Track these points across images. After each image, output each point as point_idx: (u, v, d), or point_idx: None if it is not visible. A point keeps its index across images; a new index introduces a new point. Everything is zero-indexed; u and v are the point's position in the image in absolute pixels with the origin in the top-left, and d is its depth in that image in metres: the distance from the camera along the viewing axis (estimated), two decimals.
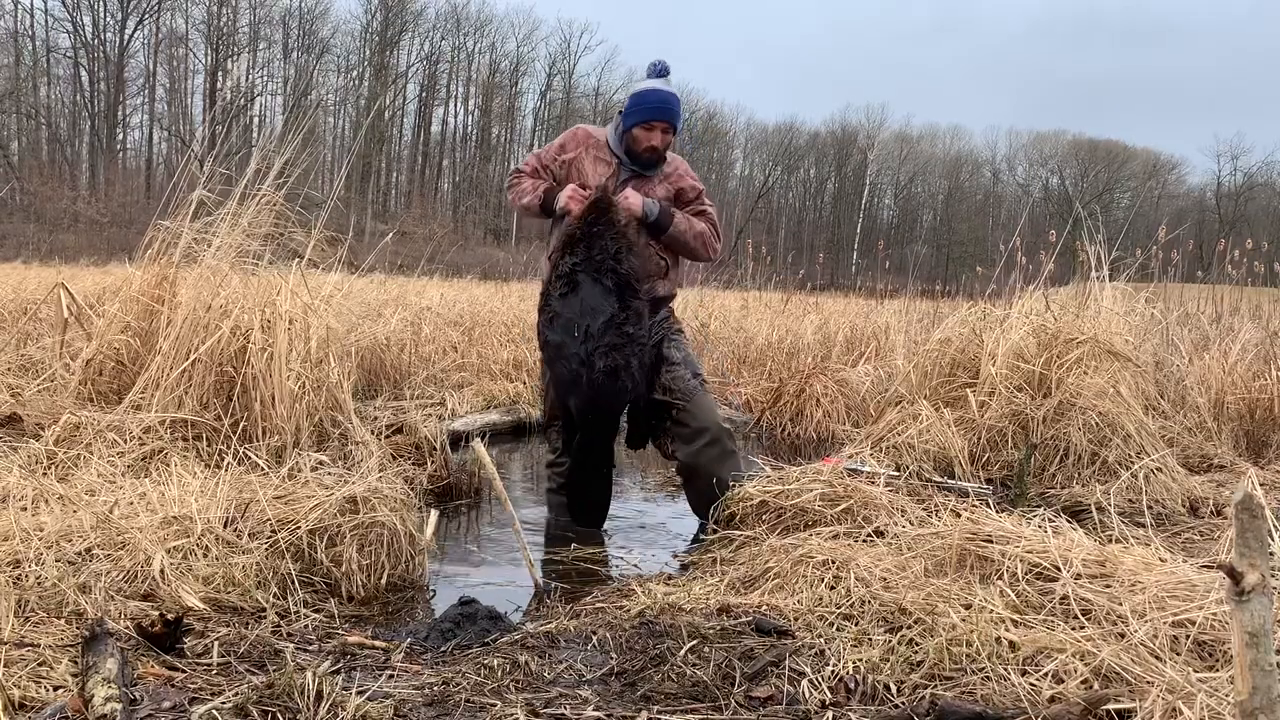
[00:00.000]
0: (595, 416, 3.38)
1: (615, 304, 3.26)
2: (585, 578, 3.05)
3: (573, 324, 3.27)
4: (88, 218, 38.14)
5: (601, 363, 3.22)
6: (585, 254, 3.29)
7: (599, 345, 3.23)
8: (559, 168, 3.73)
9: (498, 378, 6.58)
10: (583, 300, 3.26)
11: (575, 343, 3.26)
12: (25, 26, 45.22)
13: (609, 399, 3.32)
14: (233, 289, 3.58)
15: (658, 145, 3.64)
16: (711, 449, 3.50)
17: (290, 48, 50.63)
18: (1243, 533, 1.26)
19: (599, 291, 3.26)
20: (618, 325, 3.25)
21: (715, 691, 1.87)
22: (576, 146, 3.72)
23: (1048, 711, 1.76)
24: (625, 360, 3.26)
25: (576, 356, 3.25)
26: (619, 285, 3.28)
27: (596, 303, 3.25)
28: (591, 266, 3.28)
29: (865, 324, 8.48)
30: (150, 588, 2.25)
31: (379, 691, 1.82)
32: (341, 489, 2.80)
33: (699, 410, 3.53)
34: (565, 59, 56.99)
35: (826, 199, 62.40)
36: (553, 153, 3.76)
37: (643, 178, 3.68)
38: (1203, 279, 9.29)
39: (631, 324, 3.28)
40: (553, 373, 3.51)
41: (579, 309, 3.26)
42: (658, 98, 3.61)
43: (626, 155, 3.66)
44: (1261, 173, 55.93)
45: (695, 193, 3.77)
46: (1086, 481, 4.01)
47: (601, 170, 3.66)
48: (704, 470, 3.49)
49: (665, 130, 3.64)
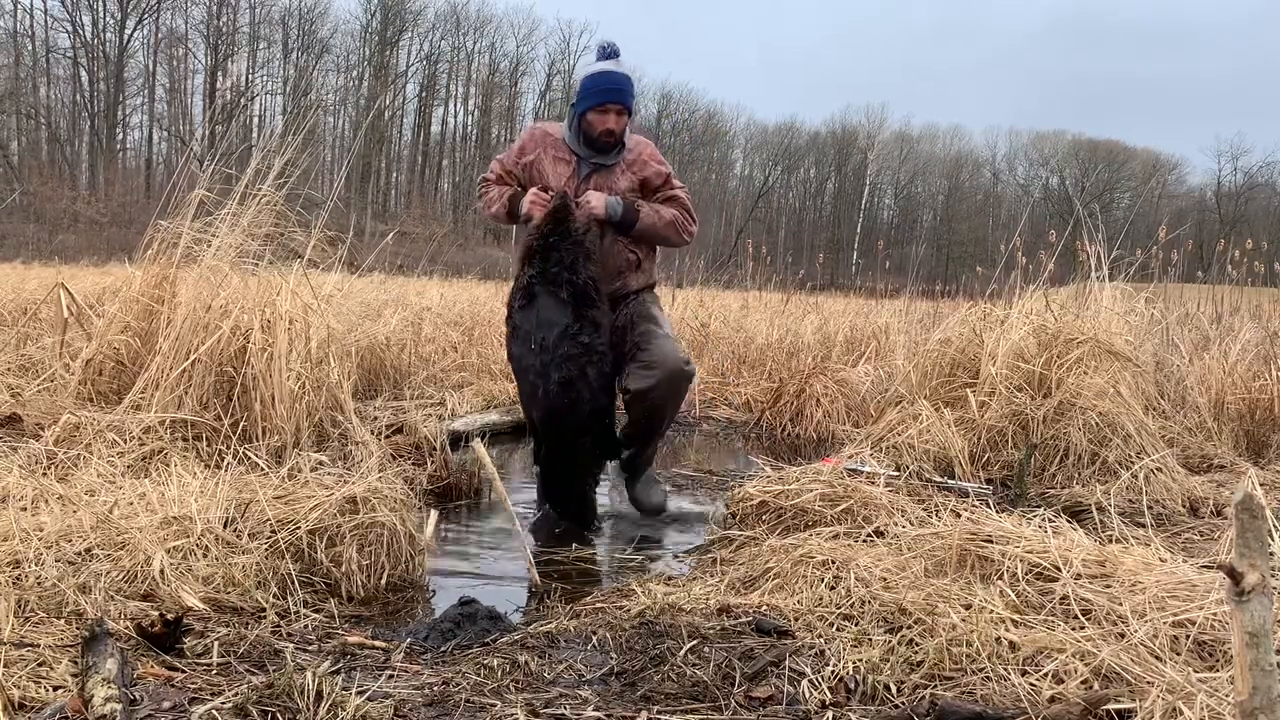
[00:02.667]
0: (554, 428, 3.37)
1: (569, 315, 3.26)
2: (585, 578, 3.04)
3: (530, 336, 3.29)
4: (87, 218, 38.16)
5: (556, 374, 3.23)
6: (541, 266, 3.31)
7: (554, 357, 3.23)
8: (521, 171, 3.70)
9: (498, 378, 6.57)
10: (539, 312, 3.28)
11: (532, 355, 3.28)
12: (25, 26, 45.30)
13: (565, 410, 3.29)
14: (233, 289, 3.58)
15: (613, 128, 3.57)
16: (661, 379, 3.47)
17: (290, 48, 50.67)
18: (1243, 533, 1.26)
19: (554, 303, 3.27)
20: (572, 336, 3.25)
21: (715, 691, 1.87)
22: (535, 147, 3.68)
23: (1048, 711, 1.76)
24: (580, 370, 3.26)
25: (534, 368, 3.28)
26: (574, 295, 3.29)
27: (552, 315, 3.26)
28: (547, 279, 3.29)
29: (865, 324, 8.47)
30: (150, 588, 2.24)
31: (379, 691, 1.82)
32: (341, 489, 2.80)
33: (657, 347, 3.52)
34: (565, 59, 57.01)
35: (826, 199, 62.43)
36: (514, 157, 3.74)
37: (604, 170, 3.63)
38: (1203, 279, 9.29)
39: (587, 333, 3.28)
40: (517, 386, 3.53)
41: (535, 321, 3.29)
42: (607, 80, 3.56)
43: (585, 144, 3.61)
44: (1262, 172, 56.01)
45: (661, 178, 3.70)
46: (1086, 481, 4.01)
47: (561, 170, 3.63)
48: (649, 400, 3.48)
49: (620, 113, 3.57)
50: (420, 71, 54.48)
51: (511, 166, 3.73)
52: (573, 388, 3.25)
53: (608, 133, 3.57)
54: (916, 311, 8.66)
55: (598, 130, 3.57)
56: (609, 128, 3.56)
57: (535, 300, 3.30)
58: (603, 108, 3.55)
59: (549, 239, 3.33)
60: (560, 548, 3.39)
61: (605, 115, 3.56)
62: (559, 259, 3.31)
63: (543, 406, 3.30)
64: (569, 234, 3.35)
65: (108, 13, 46.42)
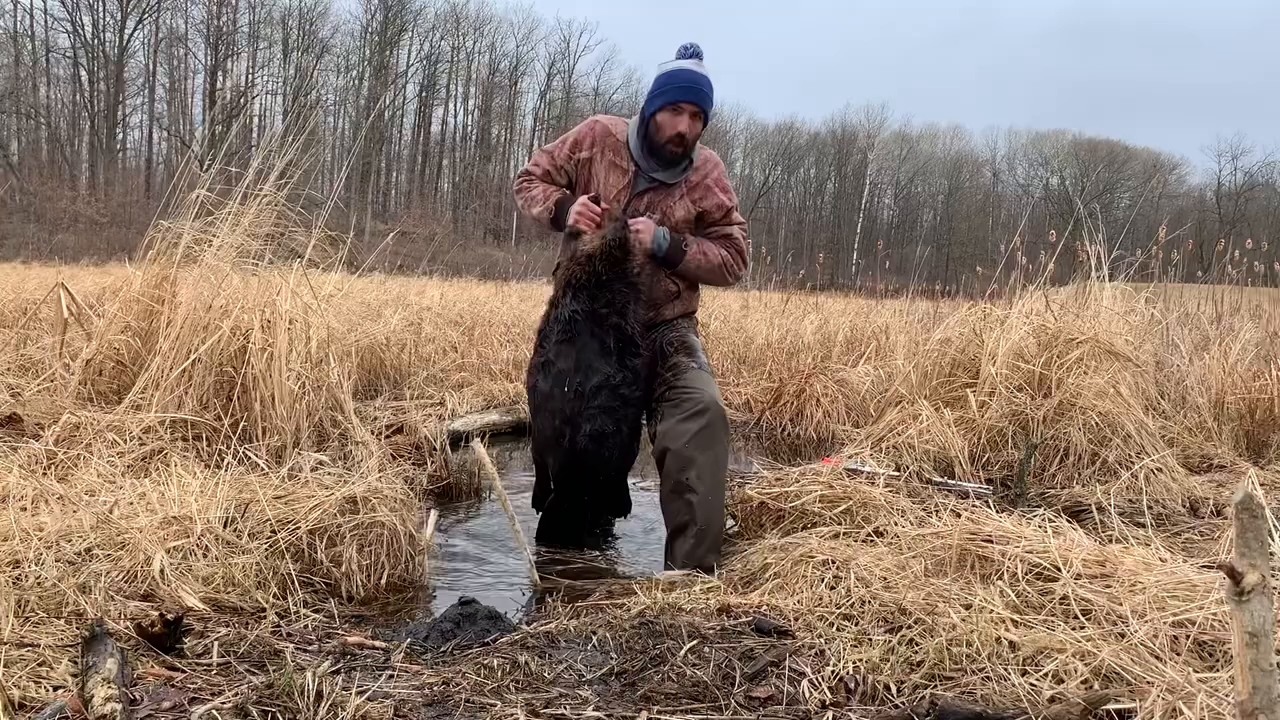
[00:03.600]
0: (573, 481, 3.10)
1: (614, 364, 2.97)
2: (585, 578, 3.04)
3: (565, 377, 2.97)
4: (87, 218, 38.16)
5: (589, 425, 2.94)
6: (589, 304, 2.99)
7: (588, 406, 2.94)
8: (573, 167, 3.31)
9: (498, 378, 6.58)
10: (579, 353, 2.96)
11: (563, 397, 2.96)
12: (25, 26, 45.30)
13: (589, 465, 3.01)
14: (233, 289, 3.58)
15: (685, 132, 3.15)
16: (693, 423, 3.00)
17: (290, 48, 50.65)
18: (1243, 533, 1.26)
19: (597, 348, 2.97)
20: (612, 387, 2.96)
21: (715, 691, 1.87)
22: (592, 145, 3.28)
23: (1048, 711, 1.76)
24: (616, 426, 2.98)
25: (562, 413, 2.96)
26: (620, 342, 2.99)
27: (593, 360, 2.96)
28: (594, 319, 2.98)
29: (865, 324, 8.47)
30: (150, 588, 2.24)
31: (379, 691, 1.82)
32: (341, 489, 2.80)
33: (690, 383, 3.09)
34: (565, 59, 57.08)
35: (826, 199, 62.43)
36: (566, 150, 3.32)
37: (663, 189, 3.24)
38: (1203, 279, 9.29)
39: (627, 386, 2.99)
40: (534, 423, 3.19)
41: (574, 362, 2.97)
42: (688, 77, 3.15)
43: (649, 153, 3.21)
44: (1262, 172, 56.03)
45: (722, 211, 3.31)
46: (1086, 481, 4.01)
47: (615, 179, 3.24)
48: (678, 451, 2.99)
49: (695, 115, 3.16)
50: (420, 71, 54.53)
51: (563, 161, 3.32)
52: (604, 443, 2.97)
53: (678, 138, 3.15)
54: (916, 311, 8.67)
55: (667, 134, 3.15)
56: (680, 131, 3.15)
57: (577, 339, 2.98)
58: (676, 106, 3.14)
59: (601, 275, 2.99)
60: (560, 548, 3.39)
61: (679, 116, 3.14)
62: (609, 300, 2.99)
63: (566, 456, 3.00)
64: (624, 273, 3.02)
65: (107, 13, 46.46)
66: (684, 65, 3.18)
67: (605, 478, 3.12)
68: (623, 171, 3.24)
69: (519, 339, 7.96)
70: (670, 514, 3.06)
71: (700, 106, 3.16)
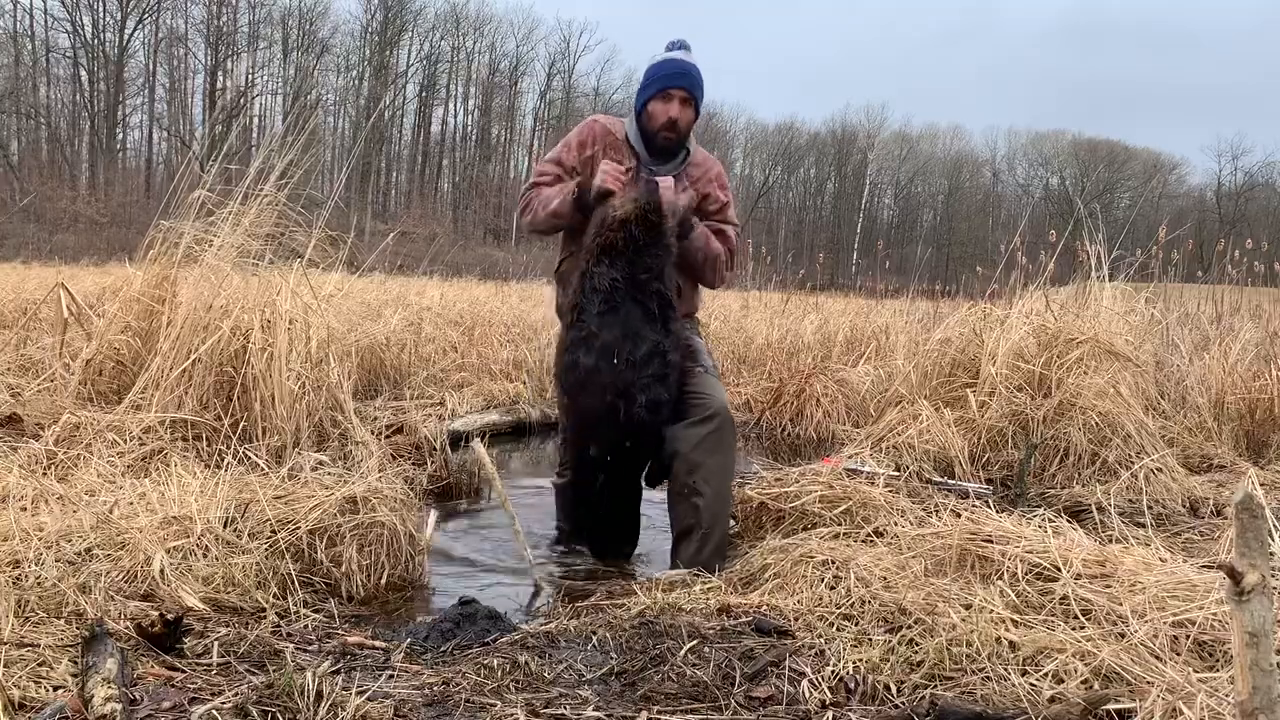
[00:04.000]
0: (627, 455, 2.99)
1: (660, 330, 2.90)
2: (585, 578, 3.04)
3: (610, 348, 2.85)
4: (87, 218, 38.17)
5: (644, 396, 2.85)
6: (628, 270, 2.90)
7: (642, 376, 2.85)
8: (583, 165, 3.27)
9: (498, 378, 6.58)
10: (624, 322, 2.87)
11: (613, 370, 2.85)
12: (25, 26, 45.29)
13: (646, 436, 2.93)
14: (233, 289, 3.58)
15: (676, 118, 3.17)
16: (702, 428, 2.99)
17: (290, 48, 50.66)
18: (1243, 533, 1.26)
19: (641, 314, 2.89)
20: (662, 353, 2.90)
21: (715, 691, 1.87)
22: (595, 143, 3.29)
23: (1048, 711, 1.76)
24: (668, 393, 2.92)
25: (614, 387, 2.85)
26: (662, 307, 2.93)
27: (639, 327, 2.88)
28: (634, 286, 2.90)
29: (865, 324, 8.47)
30: (150, 588, 2.24)
31: (379, 691, 1.82)
32: (341, 489, 2.80)
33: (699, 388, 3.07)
34: (565, 59, 57.09)
35: (826, 199, 62.45)
36: (574, 152, 3.31)
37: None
38: (1203, 279, 9.29)
39: (673, 350, 2.94)
40: (577, 403, 3.06)
41: (620, 331, 2.87)
42: (675, 65, 3.19)
43: (646, 147, 3.24)
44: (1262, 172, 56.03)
45: (719, 205, 3.33)
46: (1086, 481, 4.01)
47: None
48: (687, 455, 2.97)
49: (685, 101, 3.19)
50: (420, 71, 54.54)
51: (574, 163, 3.29)
52: (660, 411, 2.91)
53: (669, 124, 3.17)
54: (916, 311, 8.67)
55: (659, 122, 3.18)
56: (672, 117, 3.17)
57: (619, 308, 2.89)
58: (665, 93, 3.16)
59: (638, 240, 2.92)
60: (560, 548, 3.39)
61: (669, 103, 3.17)
62: (648, 265, 2.92)
63: (619, 430, 2.89)
64: (660, 236, 2.95)
65: (107, 13, 46.46)
66: (671, 55, 3.23)
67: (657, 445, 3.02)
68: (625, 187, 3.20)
69: (519, 339, 7.96)
70: (677, 517, 3.05)
71: (689, 91, 3.19)
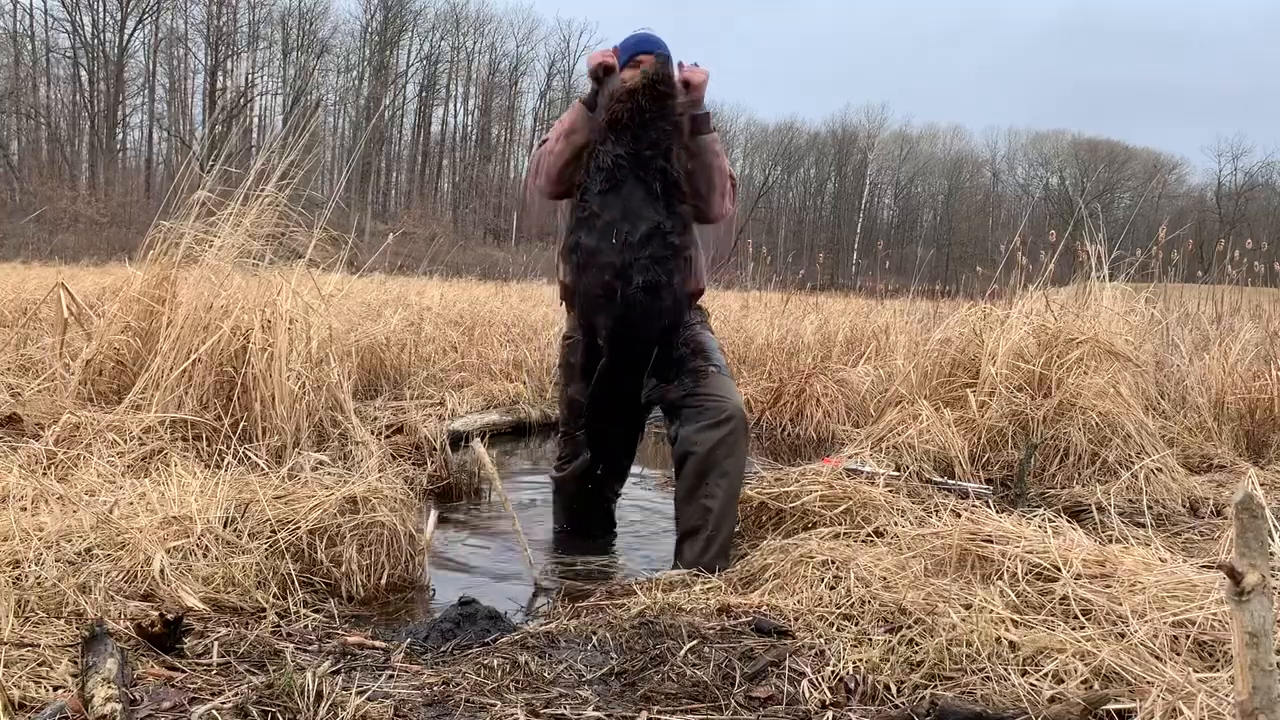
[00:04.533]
0: (628, 338, 2.93)
1: (662, 210, 2.82)
2: (585, 578, 3.04)
3: (611, 228, 2.80)
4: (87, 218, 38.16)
5: (641, 277, 2.79)
6: (632, 146, 2.81)
7: (639, 257, 2.79)
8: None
9: (498, 378, 6.58)
10: (624, 202, 2.80)
11: (612, 250, 2.80)
12: (25, 26, 45.29)
13: (644, 319, 2.86)
14: (233, 289, 3.58)
15: None
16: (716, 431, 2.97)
17: (290, 48, 50.66)
18: (1243, 533, 1.26)
19: (643, 194, 2.80)
20: (663, 234, 2.81)
21: (715, 691, 1.87)
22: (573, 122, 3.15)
23: (1048, 711, 1.76)
24: (668, 276, 2.83)
25: (612, 267, 2.80)
26: (666, 187, 2.84)
27: (639, 207, 2.80)
28: (638, 163, 2.81)
29: (865, 324, 8.47)
30: (150, 588, 2.25)
31: (379, 691, 1.82)
32: (341, 489, 2.80)
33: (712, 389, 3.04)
34: (565, 59, 57.06)
35: (826, 199, 62.45)
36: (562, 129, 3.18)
37: None
38: (1203, 279, 9.29)
39: (677, 233, 2.85)
40: (580, 284, 2.99)
41: (620, 211, 2.80)
42: (639, 35, 3.19)
43: None
44: (1262, 172, 56.03)
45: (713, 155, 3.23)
46: (1086, 481, 4.01)
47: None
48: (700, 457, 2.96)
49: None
50: (420, 71, 54.54)
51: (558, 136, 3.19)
52: (659, 295, 2.83)
53: None
54: (916, 311, 8.66)
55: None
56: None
57: (621, 186, 2.82)
58: (634, 61, 3.07)
59: (645, 111, 2.81)
60: (560, 548, 3.39)
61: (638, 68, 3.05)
62: (653, 140, 2.82)
63: (617, 313, 2.85)
64: (668, 110, 2.85)
65: (108, 13, 46.46)
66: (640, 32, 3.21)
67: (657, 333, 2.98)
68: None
69: (519, 339, 7.96)
70: (685, 517, 3.04)
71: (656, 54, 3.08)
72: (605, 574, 3.11)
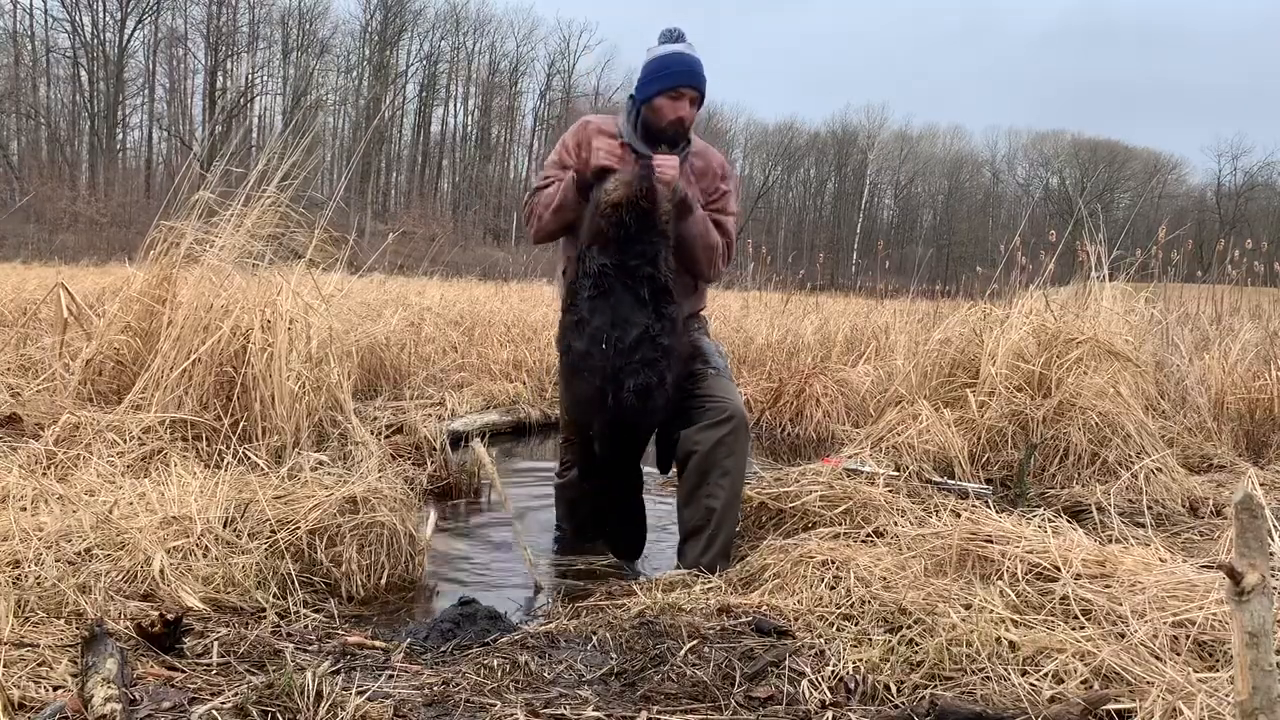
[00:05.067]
0: (619, 439, 3.00)
1: (650, 315, 2.88)
2: (585, 578, 3.04)
3: (601, 334, 2.87)
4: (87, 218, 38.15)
5: (631, 381, 2.83)
6: (618, 256, 2.89)
7: (629, 362, 2.84)
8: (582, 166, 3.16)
9: (498, 378, 6.58)
10: (614, 308, 2.87)
11: (603, 355, 2.86)
12: (25, 26, 45.27)
13: (636, 420, 2.92)
14: (234, 289, 3.58)
15: (685, 117, 3.11)
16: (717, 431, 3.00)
17: (290, 48, 50.65)
18: (1243, 533, 1.26)
19: (631, 301, 2.88)
20: (652, 338, 2.87)
21: (715, 691, 1.87)
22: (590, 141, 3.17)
23: (1048, 711, 1.76)
24: (659, 377, 2.88)
25: (602, 371, 2.85)
26: (654, 293, 2.90)
27: (629, 313, 2.87)
28: (625, 272, 2.89)
29: (865, 324, 8.47)
30: (150, 588, 2.25)
31: (379, 691, 1.82)
32: (341, 489, 2.80)
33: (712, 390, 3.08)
34: (565, 59, 57.08)
35: (826, 199, 62.46)
36: (570, 153, 3.22)
37: None
38: (1203, 279, 9.29)
39: (666, 334, 2.91)
40: (573, 387, 3.10)
41: (609, 318, 2.87)
42: (680, 61, 3.09)
43: (645, 140, 3.12)
44: (1262, 172, 55.99)
45: (719, 194, 3.25)
46: (1086, 481, 4.01)
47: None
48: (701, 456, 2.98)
49: (694, 100, 3.13)
50: (420, 71, 54.53)
51: (572, 164, 3.18)
52: (649, 397, 2.87)
53: (678, 121, 3.10)
54: (916, 311, 8.66)
55: (667, 119, 3.08)
56: (681, 115, 3.10)
57: (610, 294, 2.88)
58: (676, 91, 3.07)
59: (629, 229, 2.89)
60: (560, 548, 3.39)
61: (679, 101, 3.08)
62: (639, 252, 2.89)
63: (610, 415, 2.90)
64: (653, 224, 2.91)
65: (108, 13, 46.43)
66: (674, 49, 3.12)
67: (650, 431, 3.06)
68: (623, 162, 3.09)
69: (519, 339, 7.96)
70: (687, 517, 3.04)
71: (699, 89, 3.13)
72: (605, 574, 3.11)
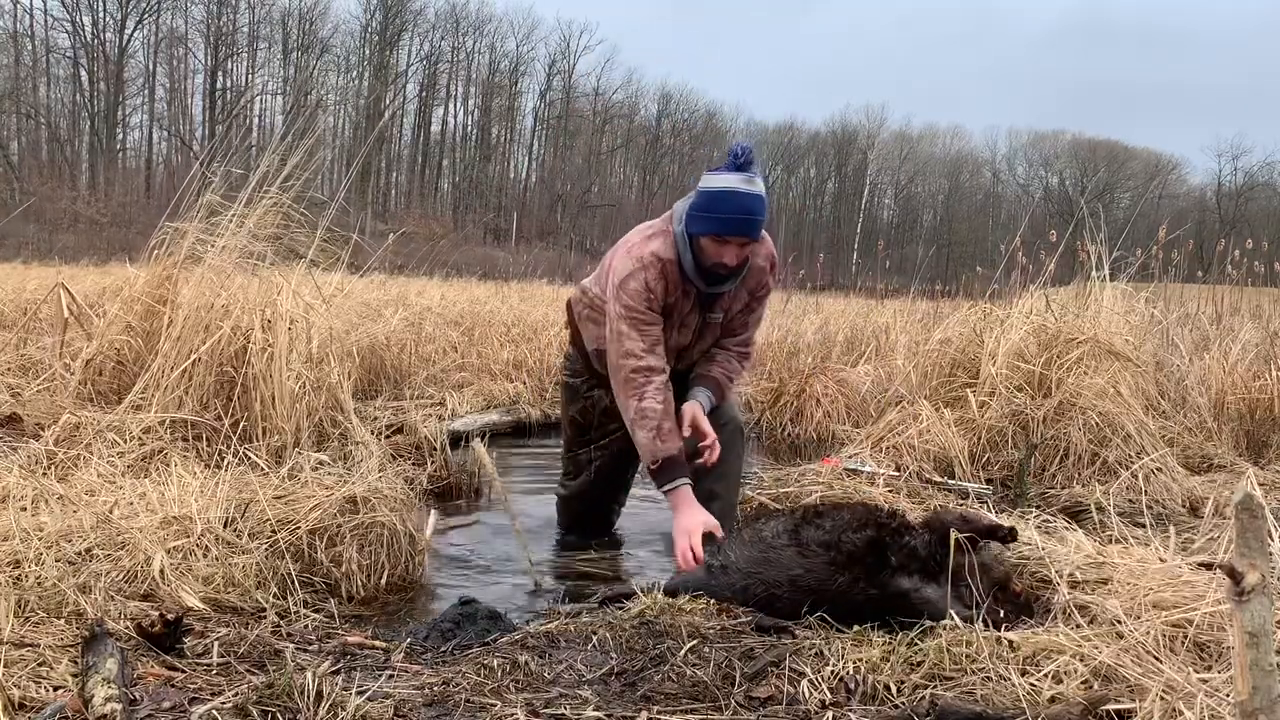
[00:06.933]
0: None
1: None
2: (585, 578, 3.04)
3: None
4: (87, 218, 38.16)
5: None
6: None
7: None
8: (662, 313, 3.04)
9: (498, 378, 6.57)
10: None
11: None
12: (25, 26, 45.30)
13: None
14: (234, 289, 3.58)
15: (731, 264, 2.90)
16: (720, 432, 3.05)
17: (290, 48, 50.68)
18: (1243, 533, 1.26)
19: None
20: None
21: (715, 691, 1.87)
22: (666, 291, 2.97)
23: (1048, 712, 1.76)
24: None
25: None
26: None
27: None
28: None
29: (865, 324, 8.47)
30: (150, 588, 2.25)
31: (379, 691, 1.82)
32: (341, 489, 2.80)
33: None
34: (565, 59, 57.14)
35: (826, 199, 62.55)
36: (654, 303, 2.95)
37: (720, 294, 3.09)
38: (1203, 279, 9.29)
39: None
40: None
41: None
42: (737, 205, 2.81)
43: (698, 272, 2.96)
44: (1262, 172, 56.08)
45: (764, 290, 3.19)
46: (1086, 481, 4.01)
47: (683, 304, 3.03)
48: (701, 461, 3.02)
49: (743, 245, 2.89)
50: (420, 71, 54.59)
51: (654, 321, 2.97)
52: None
53: (722, 266, 2.91)
54: (917, 311, 8.66)
55: (710, 260, 2.90)
56: (724, 261, 2.89)
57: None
58: (723, 239, 2.85)
59: None
60: (560, 548, 3.39)
61: (724, 247, 2.87)
62: None
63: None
64: None
65: (108, 13, 46.47)
66: (733, 186, 2.83)
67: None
68: (686, 294, 3.02)
69: (519, 339, 7.96)
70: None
71: (750, 237, 2.89)
72: (605, 574, 3.11)
